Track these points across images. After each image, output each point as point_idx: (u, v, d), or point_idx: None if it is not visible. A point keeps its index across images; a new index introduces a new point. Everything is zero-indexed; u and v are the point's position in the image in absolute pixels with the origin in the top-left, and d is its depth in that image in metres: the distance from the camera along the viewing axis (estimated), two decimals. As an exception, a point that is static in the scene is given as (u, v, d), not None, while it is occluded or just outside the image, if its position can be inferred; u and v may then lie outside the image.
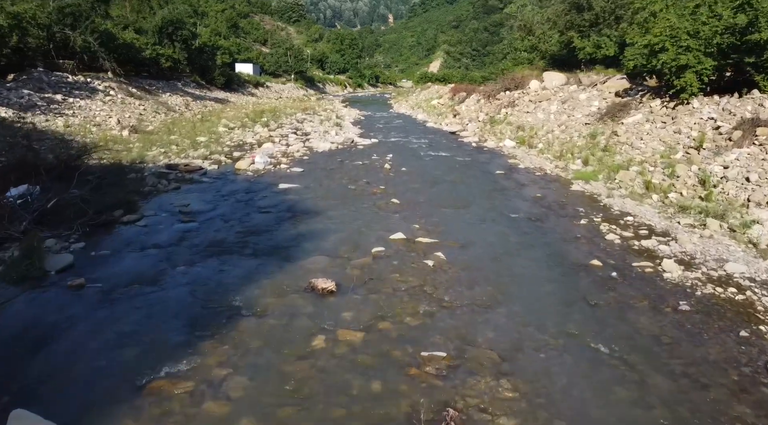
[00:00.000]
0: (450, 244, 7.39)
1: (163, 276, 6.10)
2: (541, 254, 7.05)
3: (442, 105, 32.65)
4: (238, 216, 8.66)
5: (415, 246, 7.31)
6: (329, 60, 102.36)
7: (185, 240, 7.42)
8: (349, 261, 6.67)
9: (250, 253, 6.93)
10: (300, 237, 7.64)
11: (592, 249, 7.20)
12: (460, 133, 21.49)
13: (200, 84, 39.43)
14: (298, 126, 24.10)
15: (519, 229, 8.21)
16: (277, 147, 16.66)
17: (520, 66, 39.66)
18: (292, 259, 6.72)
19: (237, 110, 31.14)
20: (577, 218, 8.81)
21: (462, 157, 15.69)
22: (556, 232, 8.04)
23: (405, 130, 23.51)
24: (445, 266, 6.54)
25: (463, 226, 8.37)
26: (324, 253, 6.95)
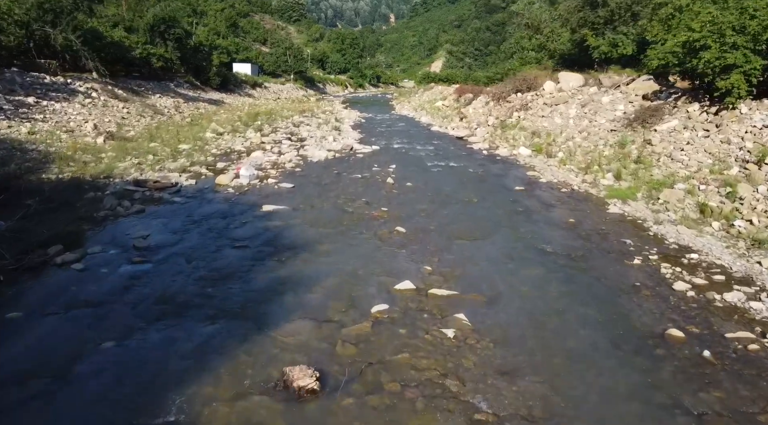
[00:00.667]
0: (473, 299, 5.64)
1: (80, 359, 4.34)
2: (597, 315, 5.28)
3: (447, 107, 30.88)
4: (205, 254, 6.91)
5: (428, 301, 5.55)
6: (330, 60, 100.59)
7: (129, 292, 5.67)
8: (341, 330, 4.91)
9: (209, 315, 5.17)
10: (279, 287, 5.89)
11: (661, 308, 5.44)
12: (469, 139, 19.72)
13: (194, 85, 37.70)
14: (294, 130, 22.35)
15: (558, 273, 6.45)
16: (268, 156, 14.91)
17: (528, 66, 37.88)
18: (265, 326, 4.96)
19: (231, 112, 29.42)
20: (627, 255, 7.04)
21: (473, 168, 13.91)
22: (607, 278, 6.27)
23: (408, 135, 21.75)
24: (471, 338, 4.78)
25: (487, 269, 6.61)
26: (308, 315, 5.21)
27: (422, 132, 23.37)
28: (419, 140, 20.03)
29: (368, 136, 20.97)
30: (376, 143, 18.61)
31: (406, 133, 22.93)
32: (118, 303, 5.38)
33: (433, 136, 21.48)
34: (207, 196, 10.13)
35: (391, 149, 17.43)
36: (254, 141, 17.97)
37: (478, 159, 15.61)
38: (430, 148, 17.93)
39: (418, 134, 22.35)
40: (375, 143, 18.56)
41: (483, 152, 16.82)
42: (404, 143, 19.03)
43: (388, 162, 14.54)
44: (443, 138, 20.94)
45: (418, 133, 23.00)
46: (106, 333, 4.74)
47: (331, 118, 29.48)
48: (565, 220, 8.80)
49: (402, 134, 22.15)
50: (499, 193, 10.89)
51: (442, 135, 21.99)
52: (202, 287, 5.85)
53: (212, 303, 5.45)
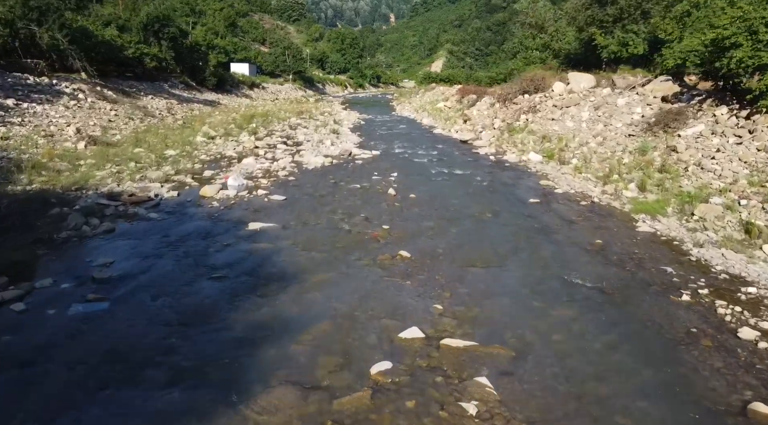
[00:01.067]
0: (496, 352, 4.57)
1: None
2: (654, 380, 4.21)
3: (450, 108, 29.80)
4: (175, 287, 5.84)
5: (441, 357, 4.48)
6: (329, 60, 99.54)
7: (74, 344, 4.60)
8: (332, 401, 3.85)
9: (168, 380, 4.10)
10: (259, 335, 4.82)
11: (731, 367, 4.37)
12: (474, 143, 18.65)
13: (190, 85, 36.64)
14: (290, 133, 21.28)
15: (595, 314, 5.38)
16: (260, 163, 13.84)
17: (532, 66, 36.80)
18: (236, 396, 3.89)
19: (226, 114, 28.36)
20: (672, 289, 5.97)
21: (482, 176, 12.85)
22: (654, 322, 5.20)
23: (410, 138, 20.68)
24: (498, 416, 3.71)
25: (509, 308, 5.54)
26: (291, 377, 4.13)
27: (424, 135, 22.30)
28: (421, 144, 18.96)
29: (368, 140, 19.90)
30: (377, 147, 17.53)
31: (407, 136, 21.86)
32: (55, 361, 4.31)
33: (436, 140, 20.42)
34: (188, 210, 9.06)
35: (392, 154, 16.36)
36: (247, 145, 16.90)
37: (485, 165, 14.54)
38: (434, 153, 16.86)
39: (420, 137, 21.28)
40: (375, 147, 17.49)
41: (490, 158, 15.75)
42: (406, 147, 17.96)
43: (389, 169, 13.48)
44: (447, 142, 19.87)
45: (420, 136, 21.93)
46: (24, 415, 3.67)
47: (329, 119, 28.42)
48: (591, 241, 7.73)
49: (403, 137, 21.08)
50: (512, 207, 9.81)
51: (446, 138, 20.92)
52: (166, 336, 4.78)
53: (174, 361, 4.37)
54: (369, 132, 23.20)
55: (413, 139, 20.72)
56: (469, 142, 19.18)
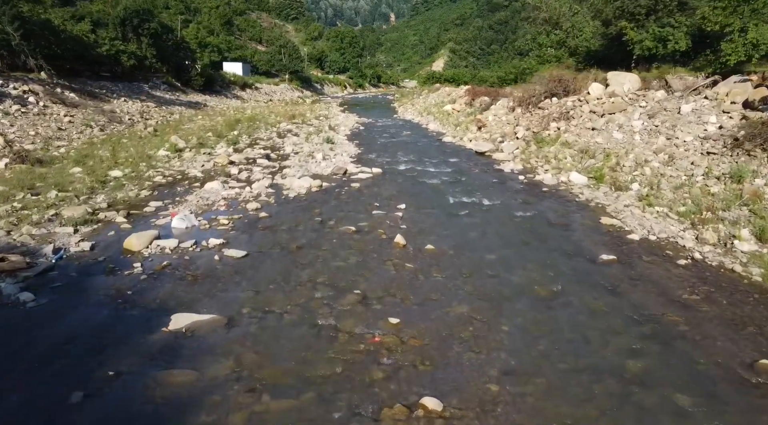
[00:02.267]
0: None
1: None
2: None
3: (459, 112, 26.56)
4: None
5: None
6: (329, 59, 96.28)
7: None
8: None
9: None
10: None
11: None
12: (494, 156, 15.43)
13: (174, 86, 33.45)
14: (277, 143, 18.07)
15: None
16: (228, 188, 10.61)
17: (547, 65, 33.57)
18: None
19: (210, 118, 25.17)
20: None
21: (517, 208, 9.63)
22: None
23: (417, 149, 17.44)
24: None
25: None
26: None
27: (433, 144, 19.07)
28: (431, 157, 15.73)
29: (367, 152, 16.67)
30: (378, 162, 14.32)
31: (413, 145, 18.64)
32: None
33: (448, 151, 17.19)
34: (88, 284, 5.83)
35: (396, 172, 13.14)
36: (220, 161, 13.67)
37: (516, 190, 11.32)
38: (448, 170, 13.64)
39: (428, 147, 18.05)
40: (376, 162, 14.28)
41: (519, 177, 12.52)
42: (413, 162, 14.73)
43: (394, 197, 10.26)
44: (460, 153, 16.65)
45: (428, 145, 18.70)
46: None
47: (324, 125, 25.20)
48: (743, 353, 4.50)
49: (409, 148, 17.85)
50: (579, 272, 6.57)
51: (458, 149, 17.70)
52: None
53: None
54: (369, 140, 19.97)
55: (420, 149, 17.49)
56: (487, 155, 15.96)
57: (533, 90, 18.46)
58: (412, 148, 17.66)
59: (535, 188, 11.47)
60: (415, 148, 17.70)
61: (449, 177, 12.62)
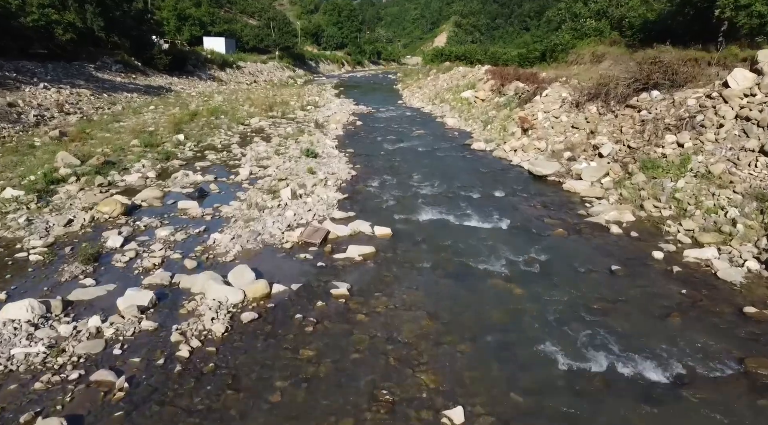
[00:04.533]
0: None
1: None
2: None
3: (484, 101, 20.37)
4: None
5: None
6: (325, 34, 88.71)
7: None
8: None
9: None
10: None
11: None
12: (570, 187, 9.48)
13: (132, 66, 27.04)
14: (234, 156, 12.04)
15: None
16: (33, 340, 4.59)
17: (586, 40, 27.13)
18: None
19: (163, 111, 19.05)
20: None
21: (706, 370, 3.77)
22: None
23: (441, 169, 11.41)
24: None
25: None
26: None
27: (460, 156, 13.03)
28: (466, 186, 9.75)
29: (365, 175, 10.65)
30: (383, 208, 8.37)
31: (433, 158, 12.60)
32: None
33: (487, 171, 11.18)
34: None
35: (417, 238, 7.13)
36: (106, 210, 7.63)
37: (672, 294, 5.41)
38: (504, 222, 7.70)
39: (455, 164, 12.02)
40: (379, 208, 8.34)
41: (655, 255, 6.57)
42: (440, 201, 8.75)
43: (426, 352, 4.35)
44: (508, 175, 10.69)
45: (454, 159, 12.66)
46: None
47: (311, 118, 19.06)
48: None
49: (427, 164, 11.81)
50: None
51: (502, 166, 11.72)
52: None
53: None
54: (368, 148, 13.90)
55: (446, 168, 11.47)
56: (553, 181, 10.03)
57: (611, 77, 12.28)
58: (432, 166, 11.63)
59: (700, 284, 5.54)
60: (438, 166, 11.67)
61: (516, 250, 6.65)
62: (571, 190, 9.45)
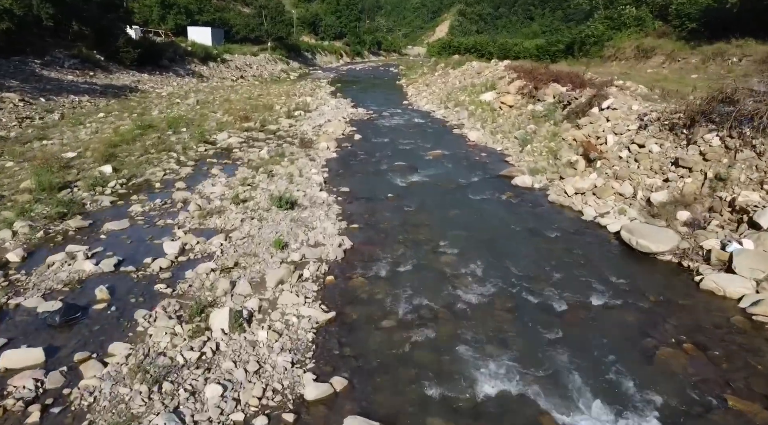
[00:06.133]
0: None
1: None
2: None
3: (512, 107, 16.27)
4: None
5: None
6: (323, 23, 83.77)
7: None
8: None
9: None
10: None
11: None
12: (716, 286, 5.48)
13: (93, 61, 22.78)
14: (164, 211, 7.90)
15: None
16: None
17: (626, 31, 22.86)
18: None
19: (115, 120, 14.96)
20: None
21: None
22: None
23: (482, 232, 7.37)
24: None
25: None
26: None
27: (504, 202, 8.99)
28: (537, 283, 5.74)
29: (364, 248, 6.60)
30: (399, 354, 4.36)
31: (463, 206, 8.56)
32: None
33: (553, 234, 7.18)
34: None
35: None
36: None
37: None
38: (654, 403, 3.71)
39: (501, 221, 7.97)
40: (390, 354, 4.32)
41: None
42: (509, 348, 4.76)
43: None
44: (587, 245, 6.71)
45: (495, 208, 8.62)
46: None
47: (298, 130, 14.97)
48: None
49: (458, 219, 7.78)
50: None
51: (566, 219, 7.72)
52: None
53: None
54: (369, 189, 9.82)
55: (490, 232, 7.46)
56: (680, 267, 6.06)
57: (732, 88, 8.16)
58: (466, 225, 7.58)
59: None
60: (474, 224, 7.63)
61: None
62: (718, 293, 5.47)
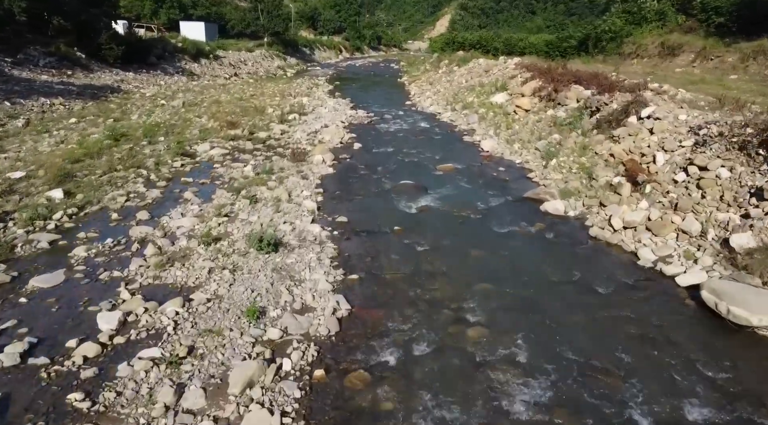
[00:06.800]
0: None
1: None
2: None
3: (530, 113, 14.61)
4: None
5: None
6: (322, 17, 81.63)
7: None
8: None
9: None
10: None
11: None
12: None
13: (72, 59, 21.05)
14: (113, 255, 6.19)
15: None
16: None
17: (646, 26, 21.12)
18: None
19: (81, 128, 13.30)
20: None
21: None
22: None
23: (514, 281, 5.76)
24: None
25: None
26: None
27: (535, 236, 7.36)
28: (601, 378, 4.15)
29: (367, 321, 4.99)
30: None
31: (485, 242, 6.93)
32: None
33: (605, 287, 5.57)
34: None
35: None
36: None
37: None
38: None
39: (536, 264, 6.34)
40: None
41: None
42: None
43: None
44: (657, 309, 5.10)
45: (524, 244, 6.99)
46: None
47: (290, 139, 13.31)
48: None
49: (483, 262, 6.16)
50: None
51: (617, 263, 6.10)
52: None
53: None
54: (371, 218, 8.19)
55: (524, 283, 5.85)
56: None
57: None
58: (493, 273, 5.98)
59: None
60: (502, 270, 6.03)
61: None
62: None
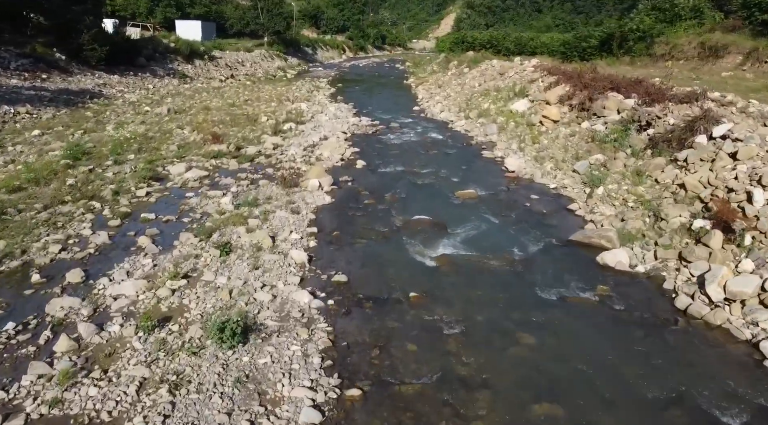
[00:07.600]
0: None
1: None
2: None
3: (559, 124, 12.65)
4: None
5: None
6: (325, 16, 79.65)
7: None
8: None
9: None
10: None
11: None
12: None
13: (49, 61, 19.19)
14: (25, 358, 4.37)
15: None
16: None
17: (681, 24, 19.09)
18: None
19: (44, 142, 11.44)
20: None
21: None
22: None
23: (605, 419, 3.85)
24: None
25: None
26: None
27: (600, 311, 5.46)
28: None
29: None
30: None
31: (533, 321, 5.03)
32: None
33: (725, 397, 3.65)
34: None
35: None
36: None
37: None
38: None
39: (612, 369, 4.44)
40: None
41: None
42: None
43: None
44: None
45: (588, 327, 5.08)
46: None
47: (282, 156, 11.39)
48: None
49: (547, 374, 4.25)
50: None
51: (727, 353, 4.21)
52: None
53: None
54: (378, 277, 6.27)
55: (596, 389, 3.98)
56: None
57: None
58: (546, 374, 4.07)
59: None
60: (565, 374, 4.11)
61: None
62: None
